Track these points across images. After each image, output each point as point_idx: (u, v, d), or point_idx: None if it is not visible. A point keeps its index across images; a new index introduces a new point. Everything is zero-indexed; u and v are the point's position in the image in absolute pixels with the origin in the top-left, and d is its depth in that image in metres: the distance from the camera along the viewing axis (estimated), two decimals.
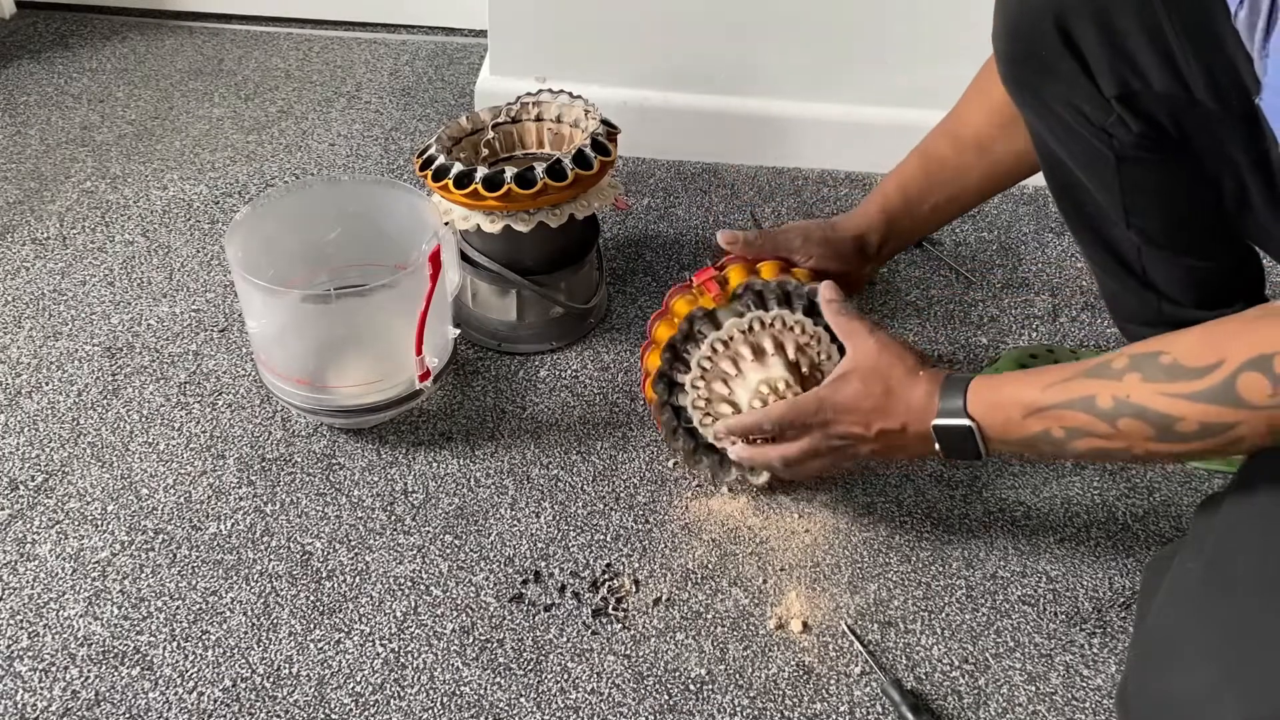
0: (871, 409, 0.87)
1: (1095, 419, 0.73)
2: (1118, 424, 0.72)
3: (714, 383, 1.00)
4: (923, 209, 1.07)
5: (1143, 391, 0.70)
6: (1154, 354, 0.70)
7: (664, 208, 1.46)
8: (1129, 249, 0.97)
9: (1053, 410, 0.76)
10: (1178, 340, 0.70)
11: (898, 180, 1.09)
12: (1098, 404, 0.73)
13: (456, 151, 1.19)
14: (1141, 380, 0.70)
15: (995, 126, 1.02)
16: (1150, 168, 0.88)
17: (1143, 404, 0.70)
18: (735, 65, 1.47)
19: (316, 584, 0.99)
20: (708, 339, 0.99)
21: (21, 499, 1.05)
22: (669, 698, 0.91)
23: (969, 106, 1.04)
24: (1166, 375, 0.69)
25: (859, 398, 0.88)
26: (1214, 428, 0.67)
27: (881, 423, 0.87)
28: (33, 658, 0.92)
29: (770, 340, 0.99)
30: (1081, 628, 0.97)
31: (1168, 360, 0.69)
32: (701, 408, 1.01)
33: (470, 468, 1.10)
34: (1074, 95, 0.85)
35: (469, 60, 1.76)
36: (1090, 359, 0.76)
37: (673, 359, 1.01)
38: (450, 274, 1.13)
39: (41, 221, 1.40)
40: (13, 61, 1.73)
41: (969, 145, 1.04)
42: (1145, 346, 0.72)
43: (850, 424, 0.89)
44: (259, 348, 1.10)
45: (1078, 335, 1.26)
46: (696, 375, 1.00)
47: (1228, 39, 0.73)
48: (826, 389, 0.90)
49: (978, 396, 0.82)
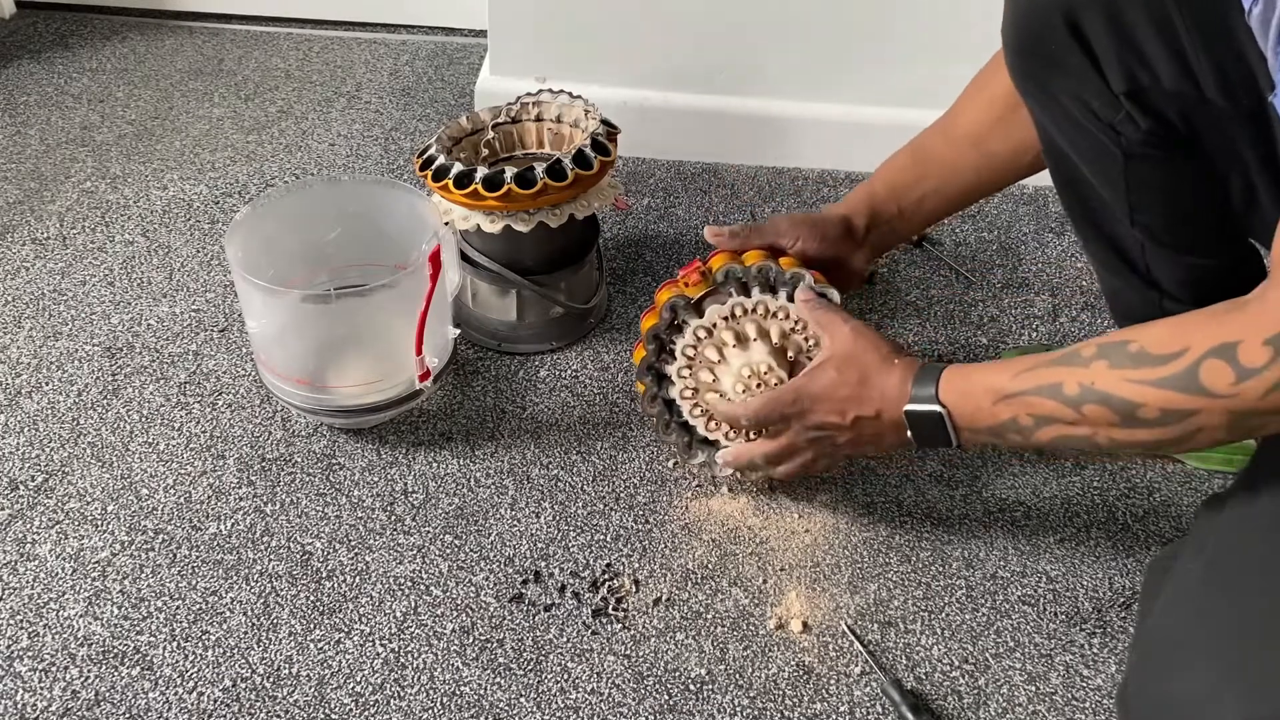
0: (847, 397, 0.89)
1: (1061, 405, 0.74)
2: (1083, 409, 0.73)
3: (700, 371, 1.01)
4: (910, 197, 1.07)
5: (1108, 378, 0.71)
6: (1122, 343, 0.71)
7: (664, 208, 1.46)
8: (1132, 246, 0.97)
9: (1021, 397, 0.77)
10: (1146, 330, 0.71)
11: (885, 168, 1.09)
12: (1064, 390, 0.74)
13: (456, 151, 1.19)
14: (1108, 367, 0.71)
15: (990, 122, 1.01)
16: (1157, 165, 0.88)
17: (1107, 390, 0.71)
18: (735, 65, 1.47)
19: (316, 584, 0.99)
20: (690, 327, 1.00)
21: (21, 499, 1.05)
22: (669, 698, 0.91)
23: (965, 103, 1.05)
24: (1132, 362, 0.70)
25: (835, 385, 0.89)
26: (1174, 414, 0.68)
27: (857, 409, 0.88)
28: (33, 658, 0.92)
29: (754, 326, 0.99)
30: (1081, 628, 0.97)
31: (1134, 348, 0.70)
32: (690, 398, 1.02)
33: (470, 468, 1.10)
34: (1082, 90, 0.85)
35: (469, 60, 1.76)
36: (1060, 350, 0.77)
37: (659, 350, 1.02)
38: (450, 274, 1.13)
39: (41, 221, 1.40)
40: (13, 61, 1.73)
41: (962, 140, 1.04)
42: (1114, 336, 0.73)
43: (827, 413, 0.90)
44: (259, 348, 1.10)
45: (1078, 335, 1.26)
46: (682, 365, 1.01)
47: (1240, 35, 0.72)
48: (803, 379, 0.91)
49: (950, 384, 0.83)
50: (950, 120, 1.05)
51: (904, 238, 1.11)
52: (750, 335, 0.99)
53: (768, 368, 0.97)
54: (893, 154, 1.10)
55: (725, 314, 0.99)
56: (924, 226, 1.10)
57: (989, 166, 1.04)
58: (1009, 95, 0.98)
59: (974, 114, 1.03)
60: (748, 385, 0.98)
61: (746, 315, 0.99)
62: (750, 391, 0.98)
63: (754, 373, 0.97)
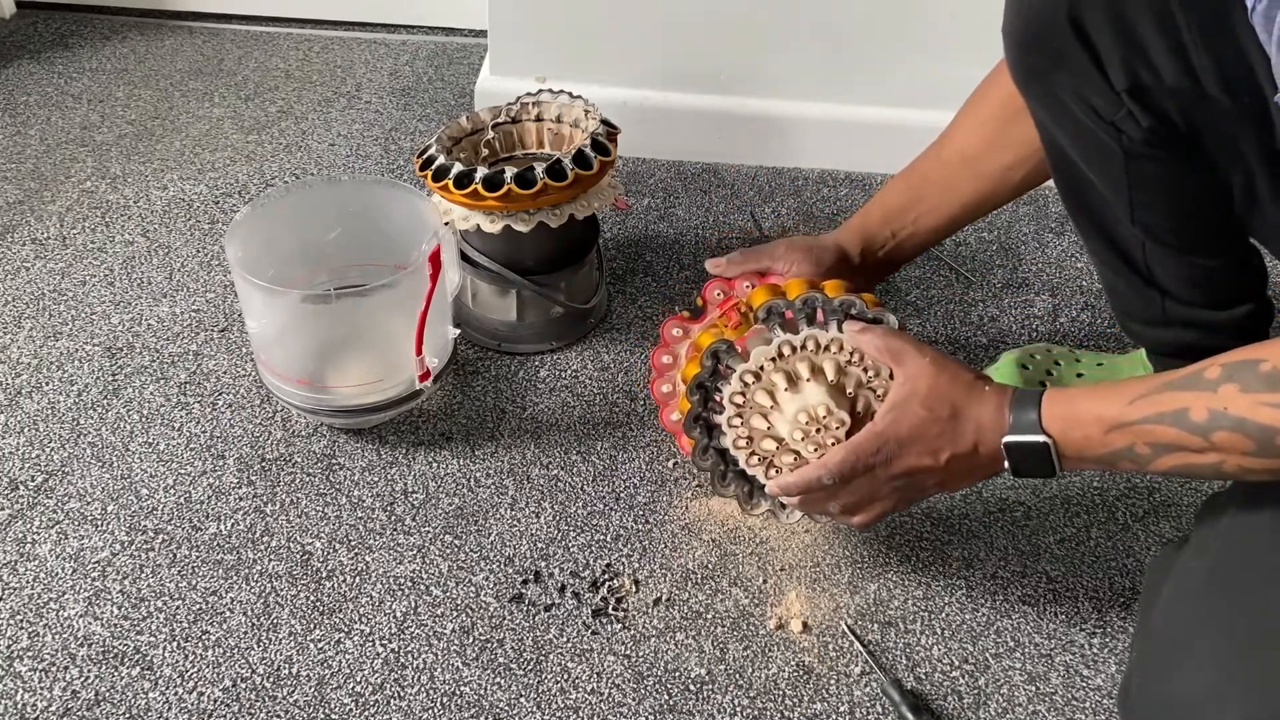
0: (939, 434, 0.81)
1: (1187, 433, 0.69)
2: (1212, 437, 0.68)
3: (752, 419, 0.92)
4: (904, 220, 1.06)
5: (1241, 403, 0.66)
6: (1252, 362, 0.67)
7: (664, 208, 1.46)
8: (1133, 245, 0.97)
9: (1139, 425, 0.72)
10: (1276, 347, 0.67)
11: (880, 194, 1.09)
12: (1191, 417, 0.69)
13: (456, 151, 1.19)
14: (1240, 391, 0.66)
15: (981, 143, 1.01)
16: (1158, 164, 0.88)
17: (1242, 415, 0.66)
18: (735, 65, 1.47)
19: (316, 584, 0.98)
20: (736, 372, 0.91)
21: (21, 499, 1.05)
22: (669, 698, 0.91)
23: (956, 125, 1.05)
24: (1268, 385, 0.65)
25: (925, 424, 0.81)
26: None
27: (952, 448, 0.81)
28: (33, 658, 0.92)
29: (806, 365, 0.90)
30: (1081, 628, 0.97)
31: (1267, 369, 0.66)
32: (745, 448, 0.93)
33: (470, 468, 1.10)
34: (1084, 88, 0.85)
35: (469, 60, 1.76)
36: (1174, 370, 0.72)
37: (704, 400, 0.93)
38: (450, 274, 1.13)
39: (41, 221, 1.40)
40: (13, 61, 1.73)
41: (954, 160, 1.04)
42: (1239, 355, 0.68)
43: (918, 455, 0.82)
44: (259, 348, 1.10)
45: (1078, 335, 1.26)
46: (732, 414, 0.92)
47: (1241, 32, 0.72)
48: (884, 423, 0.83)
49: (1053, 411, 0.77)
50: (943, 142, 1.05)
51: (905, 260, 1.10)
52: (803, 374, 0.90)
53: (826, 410, 0.88)
54: (888, 179, 1.10)
55: (773, 354, 0.90)
56: (923, 248, 1.09)
57: (981, 186, 1.03)
58: (999, 115, 0.98)
59: (964, 136, 1.03)
60: (807, 432, 0.88)
61: (796, 354, 0.90)
62: (810, 439, 0.89)
63: (812, 417, 0.88)
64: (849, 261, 1.07)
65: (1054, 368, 1.14)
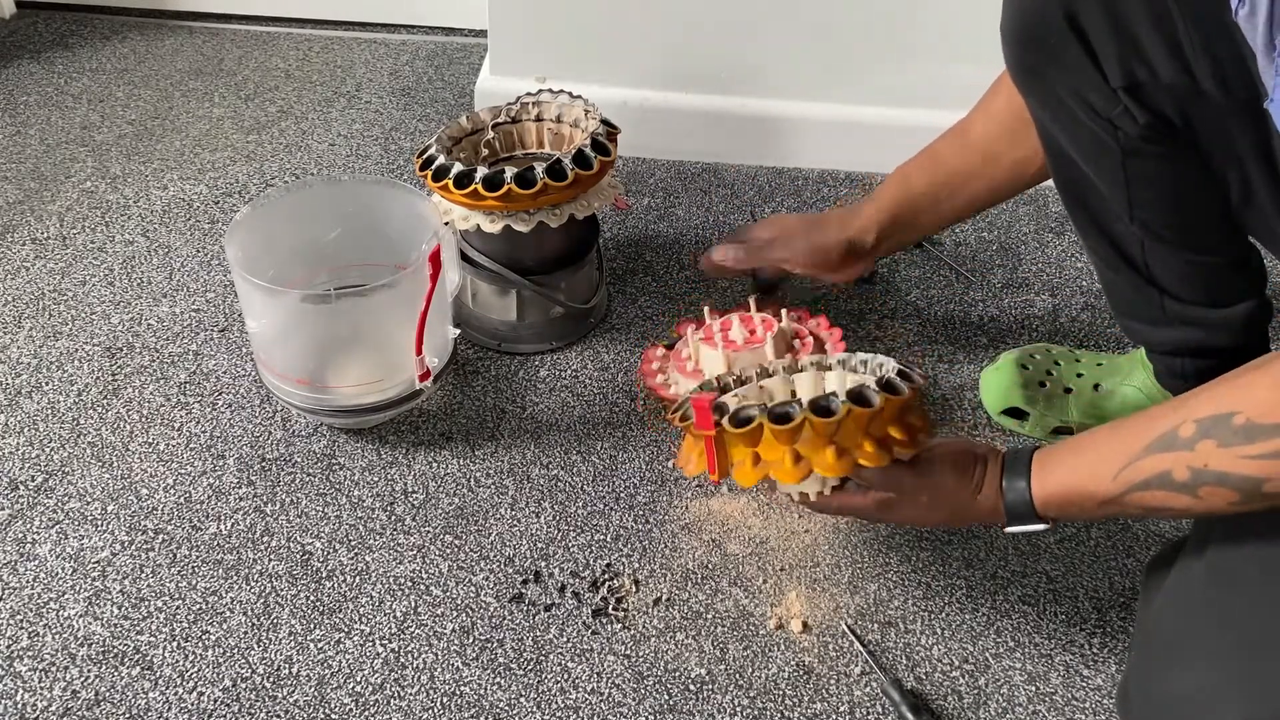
0: (938, 521, 0.88)
1: (1174, 493, 0.70)
2: (1199, 492, 0.69)
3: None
4: (923, 205, 1.08)
5: (1220, 458, 0.67)
6: (1224, 416, 0.67)
7: (664, 208, 1.46)
8: (1132, 243, 0.97)
9: (1128, 495, 0.73)
10: (1246, 396, 0.67)
11: (899, 183, 1.10)
12: (1174, 478, 0.70)
13: (456, 151, 1.19)
14: (1217, 446, 0.67)
15: (997, 133, 1.03)
16: (1155, 161, 0.88)
17: (1223, 470, 0.67)
18: (735, 65, 1.47)
19: (316, 584, 0.98)
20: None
21: (21, 499, 1.05)
22: (669, 698, 0.91)
23: (977, 113, 1.06)
24: (1243, 438, 0.66)
25: (924, 513, 0.87)
26: None
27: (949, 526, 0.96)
28: (33, 658, 0.92)
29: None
30: (1081, 628, 0.97)
31: (1241, 421, 0.66)
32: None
33: (470, 468, 1.10)
34: (1080, 85, 0.85)
35: (469, 60, 1.76)
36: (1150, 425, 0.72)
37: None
38: (450, 274, 1.13)
39: (41, 221, 1.40)
40: (13, 61, 1.73)
41: (973, 148, 1.05)
42: (1210, 407, 0.69)
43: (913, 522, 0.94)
44: (259, 348, 1.10)
45: (1078, 335, 1.26)
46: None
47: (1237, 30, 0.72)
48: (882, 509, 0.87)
49: (1047, 500, 0.80)
50: (964, 128, 1.07)
51: (908, 244, 1.11)
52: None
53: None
54: (905, 162, 1.11)
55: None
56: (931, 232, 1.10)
57: (996, 175, 1.05)
58: (1012, 108, 0.99)
59: (982, 125, 1.05)
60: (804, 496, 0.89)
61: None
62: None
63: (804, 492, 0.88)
64: (858, 253, 1.08)
65: (1054, 368, 1.14)
